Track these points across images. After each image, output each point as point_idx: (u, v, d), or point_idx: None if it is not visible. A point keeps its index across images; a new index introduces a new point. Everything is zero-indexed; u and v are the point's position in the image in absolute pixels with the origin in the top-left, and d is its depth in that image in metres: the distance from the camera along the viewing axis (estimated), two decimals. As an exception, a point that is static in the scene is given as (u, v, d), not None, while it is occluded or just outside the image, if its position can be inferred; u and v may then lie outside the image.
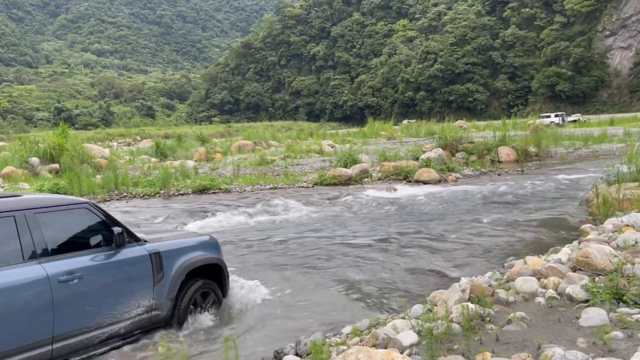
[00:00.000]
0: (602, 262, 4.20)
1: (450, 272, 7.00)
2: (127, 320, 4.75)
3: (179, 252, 5.32)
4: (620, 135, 29.47)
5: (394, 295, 6.21)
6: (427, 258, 7.81)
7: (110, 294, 4.65)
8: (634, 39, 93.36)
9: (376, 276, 7.07)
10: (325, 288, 6.71)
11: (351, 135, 40.61)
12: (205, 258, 5.53)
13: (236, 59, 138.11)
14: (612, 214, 9.13)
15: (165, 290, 5.08)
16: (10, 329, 3.89)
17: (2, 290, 3.85)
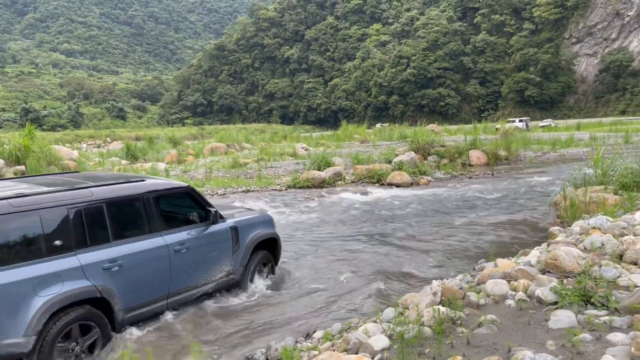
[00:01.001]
0: (570, 265, 4.24)
1: (423, 275, 7.03)
2: (214, 282, 5.92)
3: (249, 227, 6.44)
4: (586, 139, 30.21)
5: (366, 298, 6.19)
6: (400, 260, 7.82)
7: (206, 261, 5.80)
8: (599, 46, 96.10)
9: (348, 279, 7.04)
10: (297, 291, 6.65)
11: (325, 138, 40.61)
12: (267, 233, 6.68)
13: (209, 61, 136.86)
14: (580, 216, 9.31)
15: (239, 258, 6.24)
16: (144, 285, 5.07)
17: (138, 254, 5.00)
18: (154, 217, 5.29)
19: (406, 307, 4.54)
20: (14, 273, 4.18)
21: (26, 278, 4.22)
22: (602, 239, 5.33)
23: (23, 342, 4.10)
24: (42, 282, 4.29)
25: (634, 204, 8.39)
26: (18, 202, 4.39)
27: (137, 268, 5.00)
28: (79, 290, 4.49)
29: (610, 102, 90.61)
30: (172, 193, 5.74)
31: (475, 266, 6.26)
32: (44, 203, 4.52)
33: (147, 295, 5.13)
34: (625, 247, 4.79)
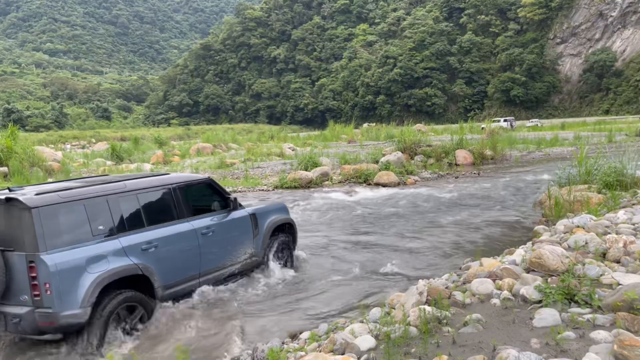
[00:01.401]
0: (554, 263, 4.28)
1: (410, 274, 7.04)
2: (239, 263, 6.62)
3: (266, 214, 7.21)
4: (571, 139, 30.55)
5: (353, 298, 6.19)
6: (387, 260, 7.82)
7: (230, 243, 6.51)
8: (583, 47, 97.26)
9: (335, 279, 7.04)
10: (282, 293, 6.63)
11: (312, 138, 40.62)
12: (282, 218, 7.45)
13: (195, 61, 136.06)
14: (564, 215, 9.40)
15: (260, 241, 6.97)
16: (178, 264, 5.75)
17: (170, 237, 5.70)
18: (181, 205, 6.07)
19: (393, 307, 4.55)
20: (69, 254, 4.84)
21: (77, 258, 4.88)
22: (585, 238, 5.38)
23: (80, 312, 4.72)
24: (92, 261, 4.96)
25: (617, 202, 8.50)
26: (65, 194, 5.13)
27: (170, 249, 5.71)
28: (123, 267, 5.14)
29: (594, 101, 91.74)
30: (194, 184, 6.53)
31: (461, 265, 6.29)
32: (86, 194, 5.24)
33: (182, 274, 5.83)
34: (608, 245, 4.84)
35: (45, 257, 4.68)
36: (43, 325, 4.69)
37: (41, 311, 4.67)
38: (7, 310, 4.78)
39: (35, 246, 4.70)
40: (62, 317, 4.65)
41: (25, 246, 4.74)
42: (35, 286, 4.69)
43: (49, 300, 4.65)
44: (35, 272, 4.67)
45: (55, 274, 4.67)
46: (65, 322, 4.68)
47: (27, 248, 4.73)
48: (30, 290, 4.71)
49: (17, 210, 4.84)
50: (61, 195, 5.08)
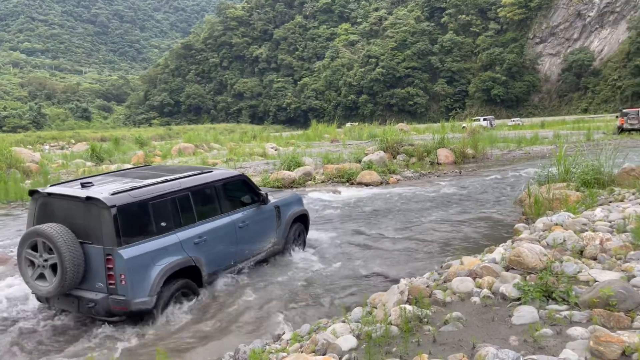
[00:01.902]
0: (533, 261, 4.33)
1: (391, 273, 7.07)
2: (265, 251, 7.35)
3: (288, 206, 7.92)
4: (551, 137, 30.97)
5: (336, 298, 6.20)
6: (369, 259, 7.86)
7: (260, 234, 7.23)
8: (562, 46, 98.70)
9: (317, 279, 7.05)
10: (264, 294, 6.61)
11: (295, 138, 40.56)
12: (300, 210, 8.24)
13: (176, 60, 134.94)
14: (544, 213, 9.53)
15: (282, 231, 7.73)
16: (220, 255, 6.39)
17: (216, 230, 6.32)
18: (223, 200, 6.69)
19: (374, 306, 4.57)
20: (139, 248, 5.38)
21: (146, 252, 5.44)
22: (563, 235, 5.46)
23: (148, 300, 5.38)
24: (157, 254, 5.53)
25: (594, 200, 8.64)
26: (134, 193, 5.61)
27: (215, 241, 6.34)
28: (181, 260, 5.74)
29: (572, 100, 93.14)
30: (233, 180, 7.06)
31: (442, 264, 6.33)
32: (150, 193, 5.72)
33: (222, 263, 6.50)
34: (585, 242, 4.92)
35: (121, 251, 5.25)
36: (115, 309, 5.33)
37: (115, 298, 5.29)
38: (82, 294, 5.41)
39: (112, 241, 5.25)
40: (134, 304, 5.30)
41: (103, 240, 5.29)
42: (110, 276, 5.28)
43: (123, 289, 5.26)
44: (112, 264, 5.25)
45: (130, 267, 5.27)
46: (135, 308, 5.33)
47: (105, 242, 5.28)
48: (105, 279, 5.30)
49: (96, 208, 5.33)
50: (132, 194, 5.57)
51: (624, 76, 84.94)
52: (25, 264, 5.51)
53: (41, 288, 5.41)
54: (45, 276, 5.40)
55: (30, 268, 5.50)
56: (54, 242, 5.20)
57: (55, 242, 5.19)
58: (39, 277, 5.45)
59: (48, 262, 5.35)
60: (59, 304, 5.67)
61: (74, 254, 5.22)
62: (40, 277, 5.44)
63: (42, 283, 5.42)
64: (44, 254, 5.38)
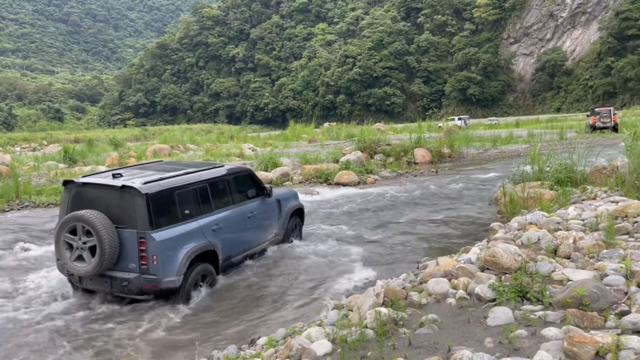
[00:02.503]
0: (507, 261, 4.34)
1: (369, 274, 7.03)
2: (268, 241, 8.03)
3: (287, 200, 8.69)
4: (525, 136, 31.39)
5: (312, 301, 6.14)
6: (346, 261, 7.82)
7: (265, 224, 7.93)
8: (535, 46, 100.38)
9: (294, 281, 6.97)
10: (240, 298, 6.52)
11: (273, 138, 40.36)
12: (297, 204, 9.02)
13: (151, 60, 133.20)
14: (518, 211, 9.62)
15: (282, 223, 8.45)
16: (233, 242, 7.01)
17: (229, 219, 6.96)
18: (234, 192, 7.34)
19: (350, 309, 4.52)
20: (168, 232, 5.98)
21: (174, 236, 6.03)
22: (538, 234, 5.49)
23: (176, 279, 5.94)
24: (183, 238, 6.13)
25: (568, 198, 8.74)
26: (163, 183, 6.21)
27: (229, 229, 6.96)
28: (202, 244, 6.36)
29: (546, 99, 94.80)
30: (241, 174, 7.70)
31: (418, 264, 6.32)
32: (175, 184, 6.32)
33: (234, 250, 7.13)
34: (559, 241, 4.95)
35: (153, 234, 5.82)
36: (146, 288, 5.90)
37: (147, 277, 5.86)
38: (116, 275, 5.96)
39: (145, 225, 5.82)
40: (164, 282, 5.86)
41: (137, 224, 5.85)
42: (143, 257, 5.84)
43: (155, 269, 5.83)
44: (145, 245, 5.82)
45: (161, 248, 5.84)
46: (165, 286, 5.89)
47: (139, 226, 5.84)
48: (138, 260, 5.86)
49: (130, 195, 5.90)
50: (161, 184, 6.16)
51: (595, 76, 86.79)
52: (64, 247, 6.03)
53: (79, 268, 5.93)
54: (84, 257, 5.94)
55: (68, 251, 6.03)
56: (93, 225, 5.75)
57: (94, 226, 5.74)
58: (77, 258, 5.99)
59: (87, 245, 5.91)
60: (92, 284, 6.20)
61: (111, 237, 5.78)
62: (79, 259, 5.98)
63: (80, 264, 5.95)
64: (82, 237, 5.92)
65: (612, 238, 4.78)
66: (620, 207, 5.86)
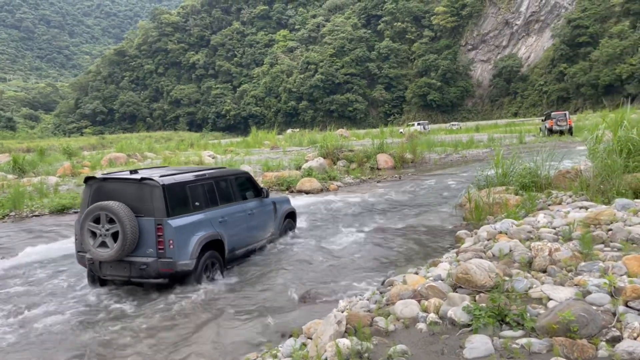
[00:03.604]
0: (482, 279, 3.94)
1: (331, 290, 6.55)
2: (265, 239, 8.65)
3: (281, 203, 9.44)
4: (485, 140, 31.71)
5: (267, 325, 5.57)
6: (306, 275, 7.32)
7: (263, 222, 8.55)
8: (492, 53, 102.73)
9: (247, 300, 6.40)
10: (193, 319, 5.92)
11: (234, 145, 39.64)
12: (290, 207, 9.77)
13: (109, 67, 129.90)
14: (484, 218, 9.36)
15: (277, 223, 9.13)
16: (237, 236, 7.60)
17: (233, 214, 7.65)
18: (236, 191, 8.11)
19: (309, 336, 4.02)
20: (182, 220, 6.61)
21: (187, 223, 6.67)
22: (509, 245, 5.15)
23: (190, 262, 6.55)
24: (195, 226, 6.78)
25: (534, 203, 8.52)
26: (176, 177, 6.92)
27: (233, 223, 7.62)
28: (211, 233, 7.00)
29: (503, 104, 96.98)
30: (241, 176, 8.54)
31: (384, 279, 5.89)
32: (186, 179, 7.05)
33: (237, 243, 7.69)
34: (534, 253, 4.60)
35: (170, 221, 6.45)
36: (163, 271, 6.43)
37: (164, 260, 6.42)
38: (135, 260, 6.47)
39: (163, 213, 6.44)
40: (179, 265, 6.46)
41: (155, 213, 6.46)
42: (160, 242, 6.42)
43: (171, 253, 6.42)
44: (162, 232, 6.41)
45: (177, 234, 6.46)
46: (180, 269, 6.48)
47: (156, 214, 6.45)
48: (155, 245, 6.43)
49: (149, 187, 6.54)
50: (175, 178, 6.88)
51: (549, 81, 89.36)
52: (88, 235, 6.52)
53: (103, 253, 6.41)
54: (107, 244, 6.42)
55: (92, 238, 6.52)
56: (116, 213, 6.30)
57: (117, 214, 6.30)
58: (100, 245, 6.47)
59: (109, 232, 6.40)
60: (112, 270, 6.63)
61: (132, 224, 6.34)
62: (102, 245, 6.46)
63: (103, 250, 6.43)
64: (105, 225, 6.42)
65: (589, 249, 4.46)
66: (592, 214, 5.59)
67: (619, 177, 8.36)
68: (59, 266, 8.47)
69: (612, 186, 8.31)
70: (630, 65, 73.88)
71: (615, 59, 76.53)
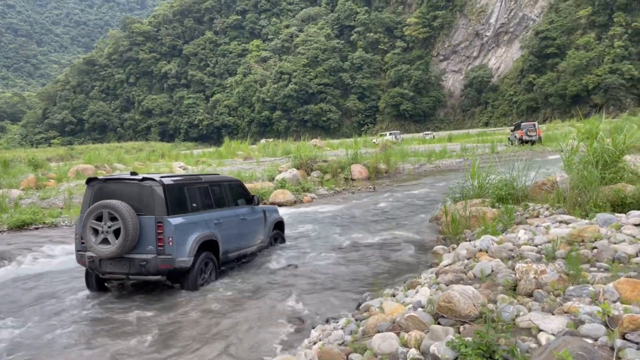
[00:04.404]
0: (466, 308, 3.62)
1: (303, 313, 6.16)
2: (256, 245, 9.01)
3: (270, 212, 9.87)
4: (458, 150, 31.86)
5: (227, 356, 5.15)
6: (278, 296, 6.89)
7: (254, 229, 8.93)
8: (463, 64, 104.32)
9: (210, 328, 5.91)
10: (143, 341, 5.46)
11: (206, 155, 38.94)
12: (278, 217, 10.14)
13: (78, 76, 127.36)
14: (461, 232, 9.11)
15: (267, 232, 9.45)
16: (230, 238, 8.05)
17: (227, 217, 8.10)
18: (230, 196, 8.52)
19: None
20: (180, 219, 6.93)
21: (186, 222, 7.01)
22: (491, 265, 4.87)
23: (187, 260, 6.86)
24: (193, 226, 7.13)
25: (511, 217, 8.30)
26: (175, 178, 7.36)
27: (227, 226, 8.01)
28: (208, 233, 7.37)
29: (475, 114, 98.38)
30: (233, 183, 8.96)
31: (360, 301, 5.53)
32: (185, 182, 7.45)
33: (231, 245, 8.06)
34: (518, 276, 4.31)
35: (170, 219, 6.78)
36: (162, 267, 6.72)
37: (163, 257, 6.71)
38: (135, 256, 6.72)
39: (163, 211, 6.77)
40: (177, 262, 6.77)
41: (155, 211, 6.77)
42: (160, 239, 6.71)
43: (170, 249, 6.72)
44: (162, 229, 6.71)
45: (176, 231, 6.78)
46: (178, 265, 6.79)
47: (157, 213, 6.76)
48: (155, 242, 6.72)
49: (149, 187, 6.88)
50: (174, 179, 7.33)
51: (519, 92, 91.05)
52: (90, 232, 6.76)
53: (104, 250, 6.66)
54: (109, 240, 6.68)
55: (94, 235, 6.76)
56: (119, 210, 6.58)
57: (120, 211, 6.58)
58: (102, 242, 6.71)
59: (111, 229, 6.67)
60: (112, 267, 6.83)
61: (134, 221, 6.62)
62: (103, 242, 6.71)
63: (104, 246, 6.68)
64: (107, 222, 6.69)
65: (576, 271, 4.20)
66: (576, 231, 5.35)
67: (596, 189, 8.21)
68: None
69: (590, 199, 8.15)
70: (596, 76, 75.81)
71: (581, 69, 78.46)
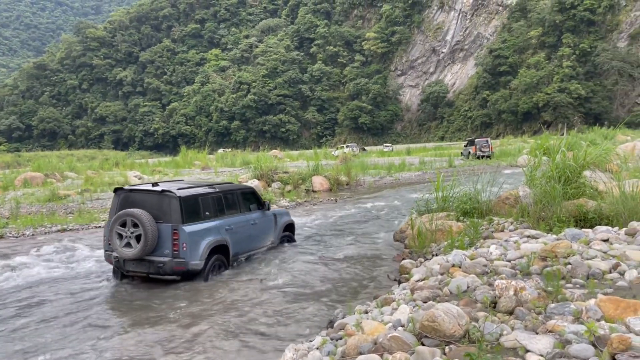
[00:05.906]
0: (451, 327, 3.49)
1: (273, 332, 5.91)
2: (266, 246, 9.96)
3: (281, 215, 10.64)
4: (417, 164, 32.27)
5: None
6: (247, 311, 6.62)
7: (264, 232, 9.84)
8: (420, 79, 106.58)
9: (172, 347, 5.61)
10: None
11: (162, 165, 37.96)
12: (289, 219, 10.91)
13: (27, 81, 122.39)
14: (428, 245, 9.08)
15: (277, 234, 10.35)
16: (240, 242, 8.95)
17: (238, 223, 8.93)
18: (241, 203, 9.24)
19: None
20: (194, 226, 7.90)
21: (199, 229, 7.95)
22: (467, 281, 4.78)
23: (199, 263, 7.85)
24: (205, 232, 8.04)
25: (477, 231, 8.32)
26: (191, 190, 8.27)
27: (238, 231, 8.81)
28: (219, 239, 8.27)
29: (431, 128, 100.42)
30: (246, 191, 9.74)
31: (333, 321, 5.33)
32: (199, 192, 8.37)
33: (240, 249, 8.92)
34: (498, 293, 4.22)
35: (184, 227, 7.68)
36: (177, 269, 7.68)
37: (178, 260, 7.65)
38: (154, 259, 7.70)
39: (178, 220, 7.67)
40: (190, 264, 7.72)
41: (172, 219, 7.69)
42: (175, 245, 7.63)
43: (184, 254, 7.66)
44: (177, 236, 7.63)
45: (189, 238, 7.69)
46: (191, 267, 7.73)
47: (173, 221, 7.68)
48: (171, 247, 7.66)
49: (167, 198, 7.81)
50: (190, 191, 8.16)
51: (473, 107, 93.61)
52: (116, 237, 7.75)
53: (128, 252, 7.64)
54: (131, 244, 7.65)
55: (119, 240, 7.74)
56: (140, 219, 7.52)
57: (141, 219, 7.52)
58: (125, 245, 7.68)
59: (133, 234, 7.62)
60: (134, 266, 7.86)
61: (153, 228, 7.55)
62: (127, 245, 7.68)
63: (127, 249, 7.66)
64: (130, 228, 7.65)
65: (557, 289, 4.14)
66: (549, 246, 5.34)
67: (559, 204, 8.35)
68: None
69: (553, 213, 8.28)
70: (546, 94, 78.81)
71: (532, 88, 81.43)
